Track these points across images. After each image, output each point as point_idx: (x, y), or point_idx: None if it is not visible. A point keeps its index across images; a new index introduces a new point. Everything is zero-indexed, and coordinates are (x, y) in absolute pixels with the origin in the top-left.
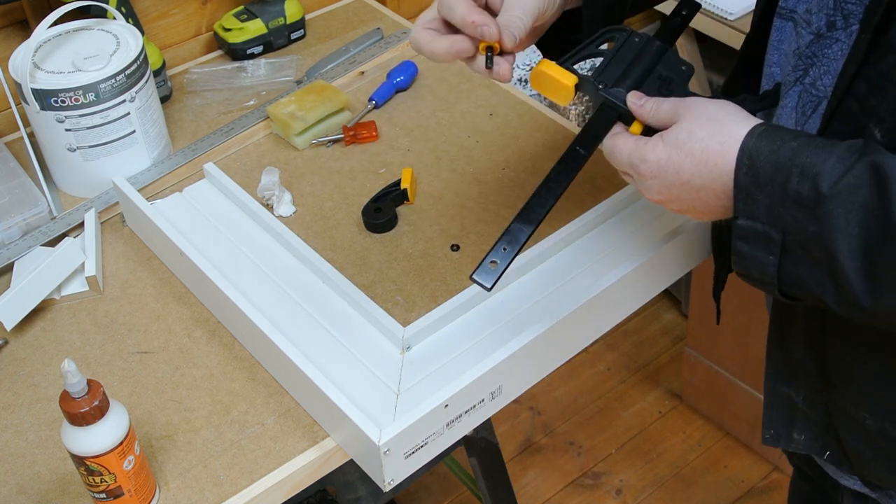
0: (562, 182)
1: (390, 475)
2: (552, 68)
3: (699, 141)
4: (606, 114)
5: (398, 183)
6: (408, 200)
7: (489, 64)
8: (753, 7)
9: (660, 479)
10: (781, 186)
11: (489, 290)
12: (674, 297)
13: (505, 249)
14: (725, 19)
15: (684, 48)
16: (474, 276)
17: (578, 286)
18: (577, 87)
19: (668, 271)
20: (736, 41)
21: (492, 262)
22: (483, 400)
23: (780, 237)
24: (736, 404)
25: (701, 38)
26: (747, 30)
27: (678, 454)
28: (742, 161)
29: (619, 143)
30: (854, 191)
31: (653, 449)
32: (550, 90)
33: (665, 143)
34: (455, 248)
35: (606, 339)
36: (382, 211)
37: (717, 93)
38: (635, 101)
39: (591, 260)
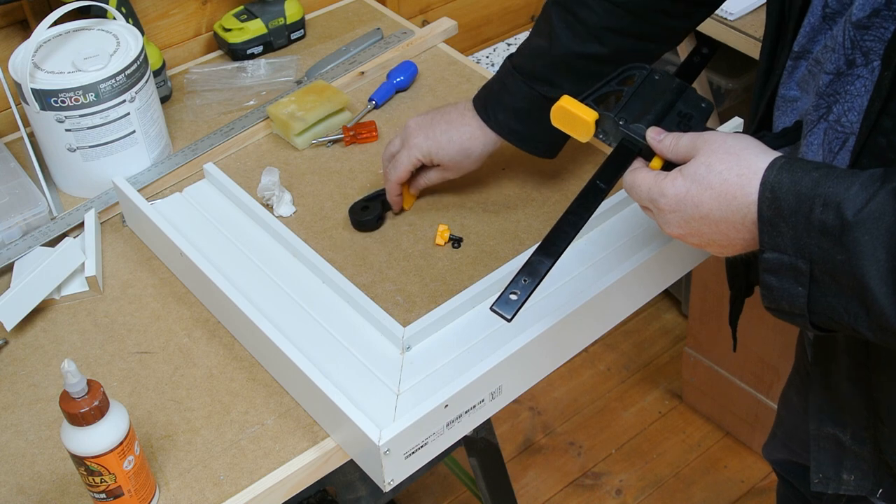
0: (582, 216)
1: (390, 475)
2: (573, 104)
3: (718, 174)
4: (626, 149)
5: None
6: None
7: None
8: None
9: (660, 479)
10: (805, 217)
11: (509, 321)
12: (674, 297)
13: (525, 281)
14: (725, 20)
15: (685, 47)
16: (495, 308)
17: (578, 286)
18: (598, 123)
19: (668, 271)
20: (736, 41)
21: (512, 293)
22: (483, 400)
23: (808, 267)
24: (736, 404)
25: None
26: (747, 30)
27: (678, 454)
28: (764, 194)
29: (639, 178)
30: (879, 217)
31: (653, 449)
32: (571, 126)
33: (684, 177)
34: (456, 247)
35: (606, 339)
36: (369, 209)
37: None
38: (655, 136)
39: (591, 260)
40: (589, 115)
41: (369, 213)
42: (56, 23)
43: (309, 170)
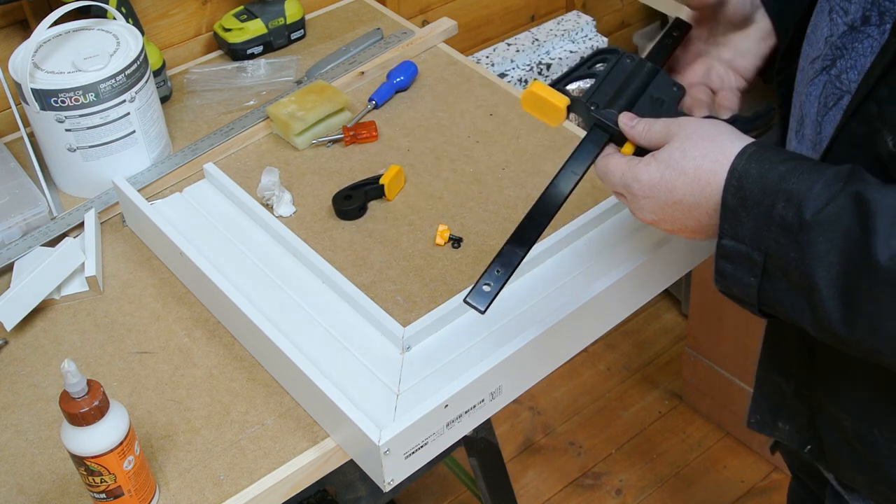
0: (554, 204)
1: (390, 475)
2: (543, 90)
3: (692, 160)
4: (598, 135)
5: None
6: (385, 196)
7: None
8: None
9: (660, 479)
10: (767, 210)
11: (483, 312)
12: (674, 297)
13: (498, 272)
14: None
15: None
16: (468, 300)
17: (578, 286)
18: (569, 109)
19: (667, 272)
20: None
21: (485, 284)
22: (483, 400)
23: (762, 260)
24: (736, 404)
25: None
26: None
27: (678, 454)
28: (731, 182)
29: (612, 164)
30: (836, 220)
31: (653, 449)
32: (542, 111)
33: (658, 162)
34: (456, 247)
35: (606, 339)
36: (352, 199)
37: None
38: (627, 121)
39: (591, 260)
40: (560, 100)
41: (352, 202)
42: (56, 23)
43: (309, 170)
